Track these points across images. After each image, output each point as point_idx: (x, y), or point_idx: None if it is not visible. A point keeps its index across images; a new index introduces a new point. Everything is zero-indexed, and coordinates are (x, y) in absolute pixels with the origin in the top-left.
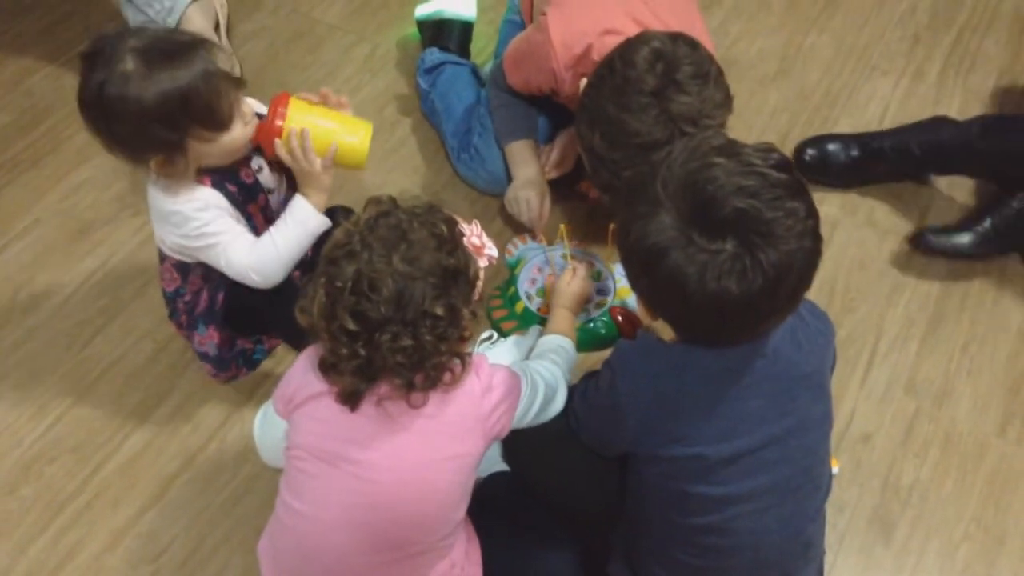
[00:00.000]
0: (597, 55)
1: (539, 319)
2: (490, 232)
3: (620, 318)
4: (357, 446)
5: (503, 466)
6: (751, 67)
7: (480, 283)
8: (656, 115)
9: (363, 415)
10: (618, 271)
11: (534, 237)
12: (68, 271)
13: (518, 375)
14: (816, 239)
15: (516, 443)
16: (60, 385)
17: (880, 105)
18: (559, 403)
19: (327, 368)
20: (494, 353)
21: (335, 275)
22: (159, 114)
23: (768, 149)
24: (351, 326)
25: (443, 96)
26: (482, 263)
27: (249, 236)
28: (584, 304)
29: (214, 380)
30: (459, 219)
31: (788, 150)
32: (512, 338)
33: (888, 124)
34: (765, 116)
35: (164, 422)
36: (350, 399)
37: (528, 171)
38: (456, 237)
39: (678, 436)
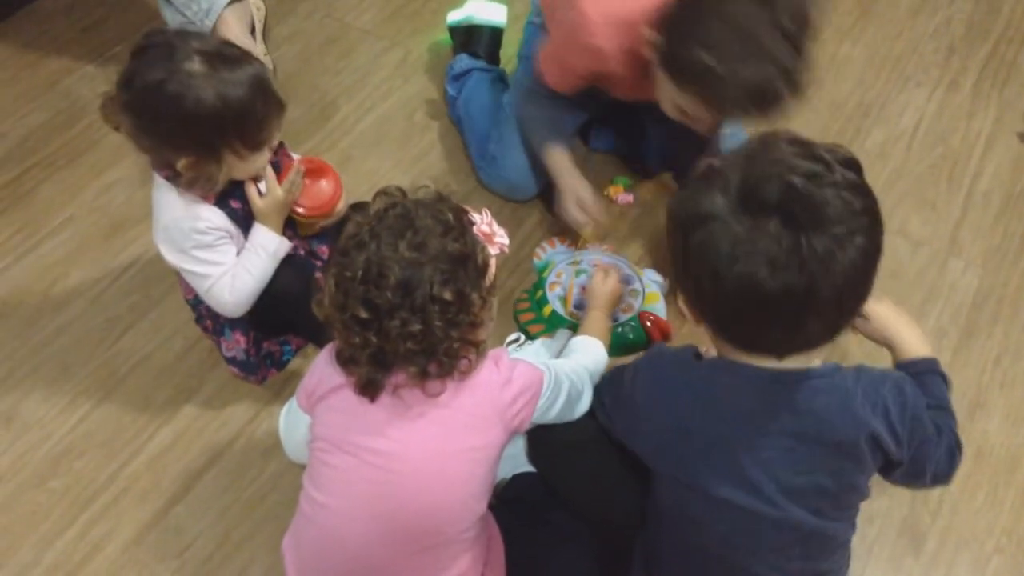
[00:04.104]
0: (640, 19)
1: (567, 323)
2: (518, 237)
3: (649, 323)
4: (376, 436)
5: (528, 467)
6: None
7: (492, 270)
8: None
9: (381, 406)
10: (647, 276)
11: (571, 243)
12: (101, 268)
13: (540, 370)
14: (871, 240)
15: (542, 445)
16: (90, 380)
17: (914, 116)
18: (585, 403)
19: (344, 360)
20: (521, 355)
21: (346, 265)
22: (212, 119)
23: (838, 146)
24: (363, 314)
25: (467, 103)
26: (493, 251)
27: (229, 275)
28: (617, 305)
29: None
30: (469, 208)
31: None
32: (540, 340)
33: (922, 136)
34: (797, 126)
35: (192, 418)
36: (368, 389)
37: (571, 180)
38: (464, 224)
39: (686, 463)
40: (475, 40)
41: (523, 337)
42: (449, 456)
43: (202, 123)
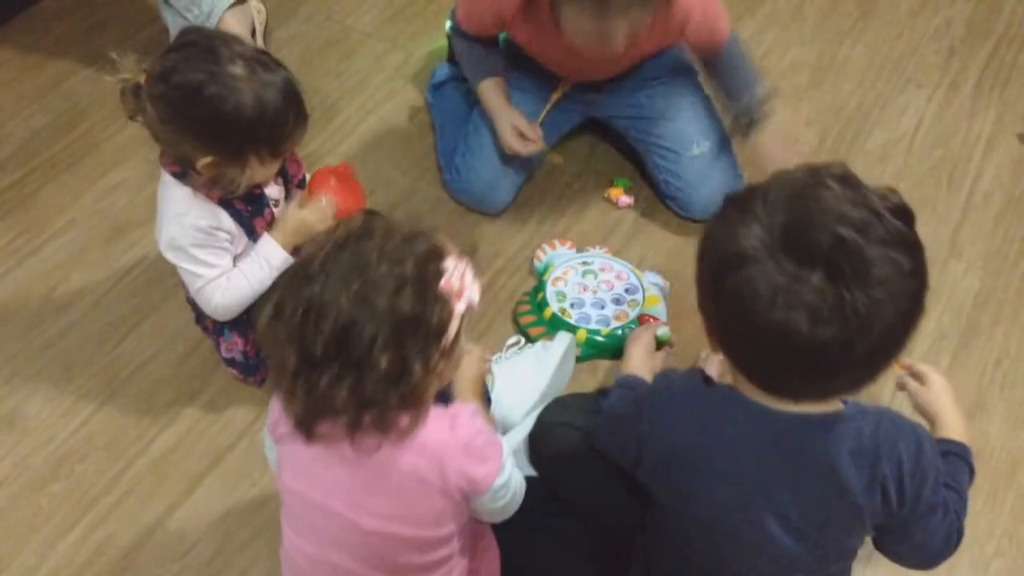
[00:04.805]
0: None
1: (567, 325)
2: (520, 239)
3: None
4: (312, 486)
5: (529, 470)
6: (783, 77)
7: (453, 330)
8: None
9: (316, 454)
10: (647, 279)
11: (573, 245)
12: (103, 271)
13: (501, 446)
14: (915, 303)
15: (543, 448)
16: (93, 383)
17: (914, 117)
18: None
19: (280, 392)
20: (518, 361)
21: (289, 297)
22: (248, 124)
23: (890, 192)
24: (292, 360)
25: (442, 112)
26: (459, 308)
27: (224, 277)
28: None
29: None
30: (449, 250)
31: (822, 160)
32: (539, 344)
33: (922, 137)
34: (798, 127)
35: (194, 421)
36: (302, 429)
37: (504, 111)
38: (427, 278)
39: (689, 494)
40: None
41: (523, 340)
42: (384, 518)
43: (237, 127)
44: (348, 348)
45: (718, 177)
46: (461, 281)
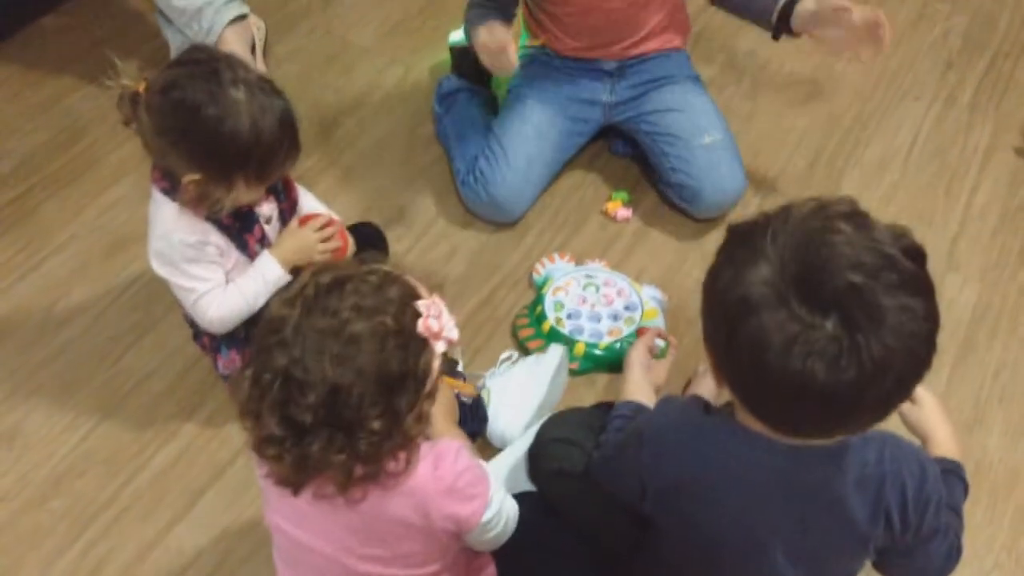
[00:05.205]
0: None
1: (565, 338)
2: (518, 253)
3: None
4: (297, 526)
5: (527, 486)
6: (781, 90)
7: (435, 372)
8: None
9: (308, 498)
10: (646, 292)
11: (572, 258)
12: (103, 286)
13: (488, 483)
14: (929, 347)
15: (544, 463)
16: (93, 399)
17: (912, 130)
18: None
19: (262, 457)
20: (512, 376)
21: (264, 365)
22: (241, 149)
23: (902, 234)
24: (276, 431)
25: (456, 121)
26: (439, 348)
27: (219, 290)
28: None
29: None
30: (420, 291)
31: (818, 173)
32: (532, 357)
33: (920, 149)
34: (795, 138)
35: (193, 436)
36: (287, 486)
37: (483, 30)
38: (407, 327)
39: (688, 523)
40: (470, 60)
41: (516, 354)
42: (374, 560)
43: (230, 150)
44: (337, 412)
45: (725, 170)
46: (439, 321)
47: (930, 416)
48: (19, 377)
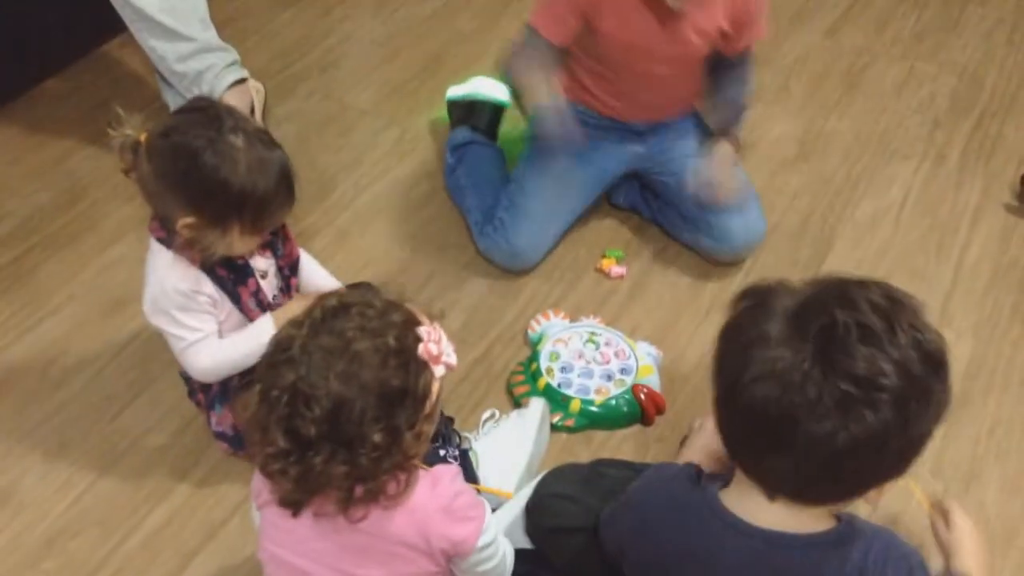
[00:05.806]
0: None
1: (560, 395)
2: (514, 309)
3: (643, 396)
4: (298, 554)
5: (526, 543)
6: (771, 150)
7: (435, 394)
8: None
9: (303, 523)
10: (641, 349)
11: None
12: (100, 345)
13: (484, 508)
14: (936, 422)
15: (542, 519)
16: (87, 458)
17: (902, 188)
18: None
19: (267, 473)
20: (498, 435)
21: (272, 382)
22: (237, 197)
23: (928, 329)
24: (282, 444)
25: (471, 171)
26: (438, 372)
27: (211, 340)
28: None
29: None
30: (421, 317)
31: (811, 231)
32: (514, 413)
33: (910, 207)
34: (787, 199)
35: (187, 496)
36: (288, 505)
37: (543, 91)
38: (408, 348)
39: None
40: (476, 115)
41: (497, 412)
42: None
43: (226, 196)
44: (340, 426)
45: (753, 209)
46: (438, 346)
47: (961, 543)
48: (15, 436)
